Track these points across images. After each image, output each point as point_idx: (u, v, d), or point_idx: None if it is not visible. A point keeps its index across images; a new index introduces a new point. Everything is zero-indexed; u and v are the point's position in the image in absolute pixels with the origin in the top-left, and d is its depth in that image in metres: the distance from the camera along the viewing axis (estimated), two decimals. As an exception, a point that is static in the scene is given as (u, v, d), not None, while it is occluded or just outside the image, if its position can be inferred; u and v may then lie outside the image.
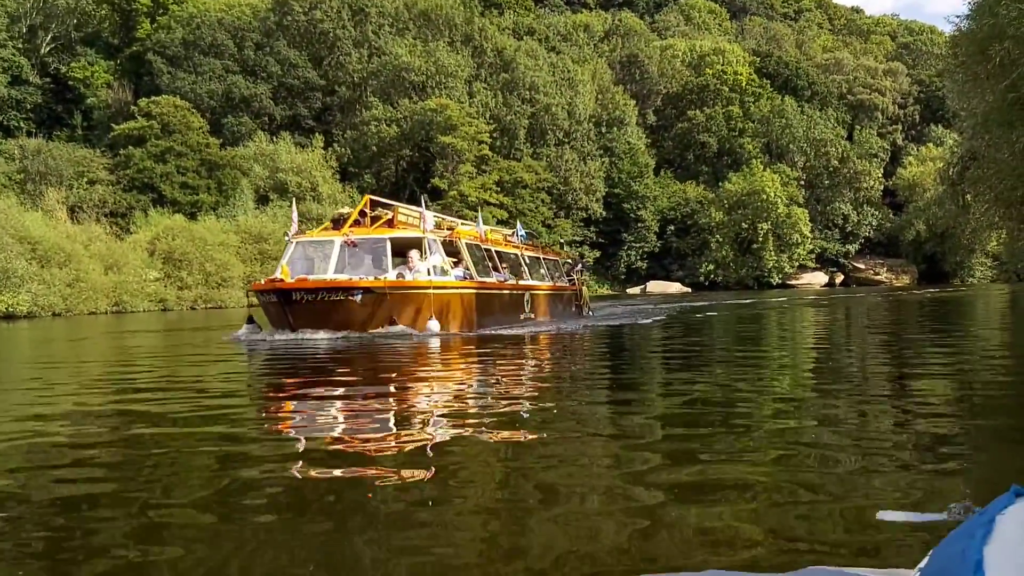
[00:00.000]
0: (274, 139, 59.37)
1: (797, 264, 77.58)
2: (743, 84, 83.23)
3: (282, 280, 14.83)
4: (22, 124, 62.49)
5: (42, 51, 70.13)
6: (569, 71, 72.41)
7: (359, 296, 14.59)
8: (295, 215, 18.66)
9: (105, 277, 35.83)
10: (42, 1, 69.63)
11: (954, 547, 0.96)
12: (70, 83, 67.76)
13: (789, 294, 49.32)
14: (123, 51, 70.48)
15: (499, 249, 19.99)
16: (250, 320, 16.07)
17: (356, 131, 62.72)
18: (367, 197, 18.48)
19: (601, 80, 76.91)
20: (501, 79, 68.75)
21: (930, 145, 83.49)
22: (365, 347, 12.91)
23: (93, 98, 64.71)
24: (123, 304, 36.62)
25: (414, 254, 16.27)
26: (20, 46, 68.09)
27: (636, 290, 69.73)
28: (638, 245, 72.96)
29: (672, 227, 75.23)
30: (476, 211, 60.60)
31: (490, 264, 18.65)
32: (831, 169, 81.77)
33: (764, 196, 72.91)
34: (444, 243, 17.27)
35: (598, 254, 69.78)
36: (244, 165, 56.21)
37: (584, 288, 24.96)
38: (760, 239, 74.14)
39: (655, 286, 70.69)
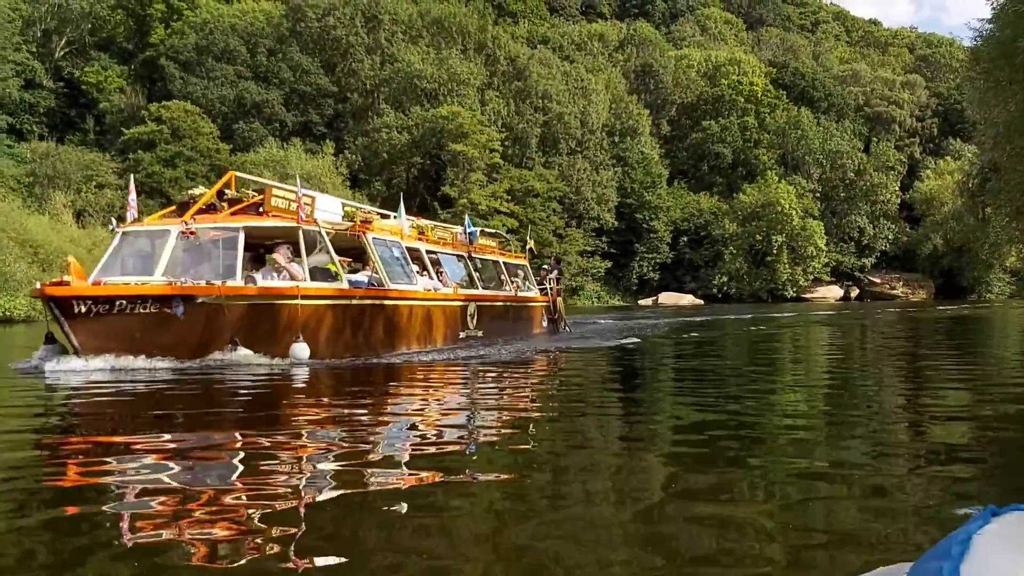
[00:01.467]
0: (285, 145, 59.03)
1: (812, 277, 76.60)
2: (759, 95, 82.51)
3: (63, 283, 10.22)
4: (35, 128, 62.47)
5: (56, 55, 70.24)
6: (583, 80, 71.85)
7: (180, 308, 10.53)
8: (132, 196, 13.72)
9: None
10: (57, 6, 69.73)
11: (931, 565, 0.99)
12: (83, 87, 67.81)
13: (803, 308, 48.47)
14: (137, 56, 70.51)
15: (434, 249, 16.28)
16: (49, 339, 11.19)
17: (367, 138, 62.33)
18: (232, 173, 14.86)
19: (615, 89, 76.34)
20: (514, 87, 68.29)
21: (948, 158, 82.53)
22: (176, 384, 9.05)
23: (106, 103, 64.66)
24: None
25: (282, 251, 12.25)
26: (34, 50, 68.23)
27: (648, 301, 68.93)
28: (650, 256, 72.17)
29: (685, 238, 74.43)
30: (487, 220, 60.69)
31: (416, 268, 14.94)
32: (847, 181, 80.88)
33: (779, 208, 72.07)
34: (342, 238, 13.38)
35: (609, 264, 69.04)
36: (254, 171, 55.68)
37: (559, 299, 21.71)
38: (774, 251, 73.25)
39: (667, 298, 69.86)
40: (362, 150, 62.24)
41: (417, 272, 14.96)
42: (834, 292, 79.09)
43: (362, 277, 13.36)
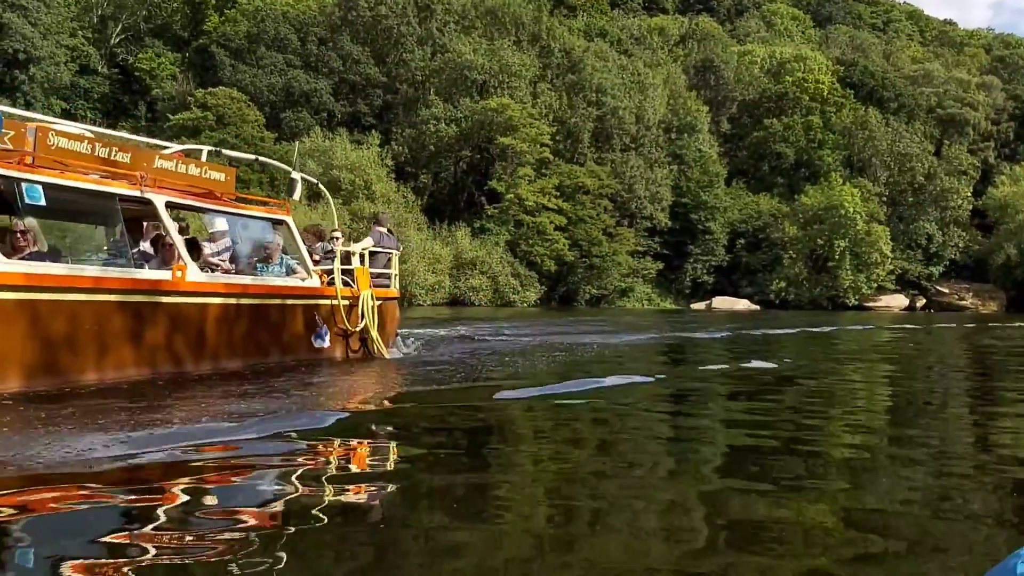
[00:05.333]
0: (331, 135, 57.99)
1: (875, 285, 73.17)
2: (824, 93, 79.31)
3: None
4: (88, 113, 62.55)
5: (112, 41, 70.44)
6: (640, 74, 69.55)
7: None
8: None
9: (135, 269, 34.44)
10: (114, -8, 69.97)
11: None
12: (136, 74, 67.85)
13: (865, 318, 45.65)
14: (191, 44, 70.34)
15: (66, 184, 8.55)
16: None
17: (415, 130, 60.97)
18: None
19: (674, 85, 73.87)
20: (567, 80, 66.31)
21: (1025, 164, 78.55)
22: None
23: (158, 89, 64.47)
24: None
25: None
26: (90, 36, 68.52)
27: (701, 305, 66.47)
28: (705, 258, 69.62)
29: (742, 241, 71.66)
30: (534, 216, 58.97)
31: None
32: (916, 186, 77.24)
33: (842, 212, 68.83)
34: None
35: (661, 266, 66.70)
36: (298, 161, 54.84)
37: (366, 295, 11.94)
38: (836, 257, 70.03)
39: (721, 302, 67.28)
40: (409, 142, 60.90)
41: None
42: (899, 301, 75.56)
43: None
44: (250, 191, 52.54)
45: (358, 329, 11.93)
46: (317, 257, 12.36)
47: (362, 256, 12.36)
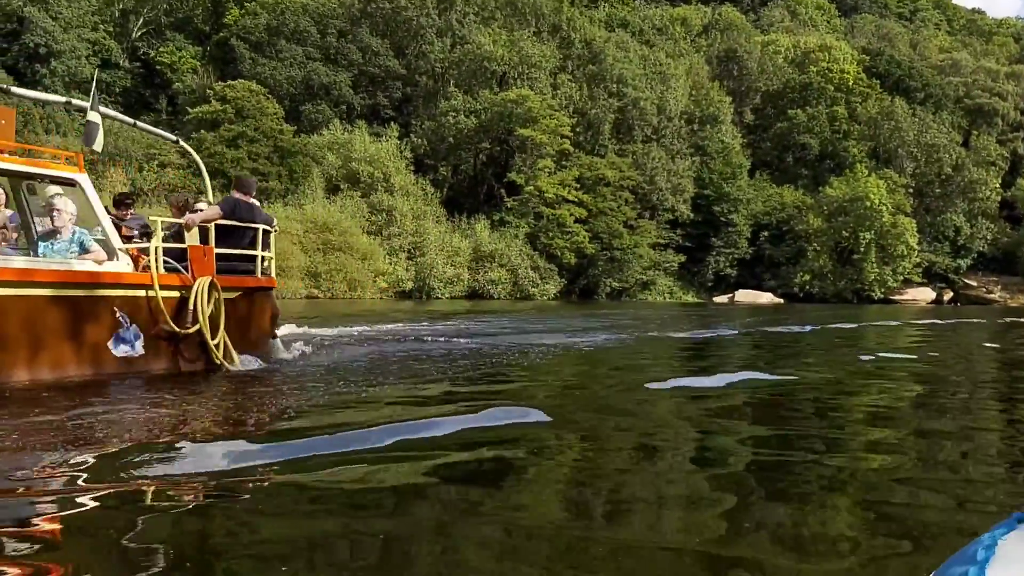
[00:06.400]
0: (350, 128, 57.78)
1: (902, 278, 71.97)
2: (850, 83, 78.16)
3: None
4: (110, 107, 62.55)
5: (133, 36, 70.66)
6: (661, 65, 68.76)
7: None
8: None
9: (152, 262, 34.30)
10: (135, -14, 70.15)
11: (957, 569, 1.06)
12: (158, 68, 68.00)
13: (891, 312, 44.80)
14: (211, 37, 70.40)
15: None
16: None
17: (434, 122, 60.61)
18: None
19: (696, 75, 73.04)
20: (588, 71, 65.66)
21: (1056, 154, 77.03)
22: None
23: (178, 83, 64.54)
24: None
25: None
26: (112, 30, 68.74)
27: (723, 299, 65.74)
28: (728, 251, 68.79)
29: (766, 233, 70.71)
30: (553, 208, 58.45)
31: None
32: (943, 177, 75.93)
33: (868, 203, 67.67)
34: None
35: (683, 259, 65.94)
36: (317, 153, 54.73)
37: (203, 284, 8.81)
38: (862, 249, 68.92)
39: (744, 295, 66.48)
40: (428, 134, 60.56)
41: None
42: (925, 294, 74.36)
43: None
44: (269, 183, 52.67)
45: (192, 331, 8.60)
46: (133, 232, 9.72)
47: (205, 231, 9.19)
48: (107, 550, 3.26)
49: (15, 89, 9.10)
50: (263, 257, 9.93)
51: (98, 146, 8.92)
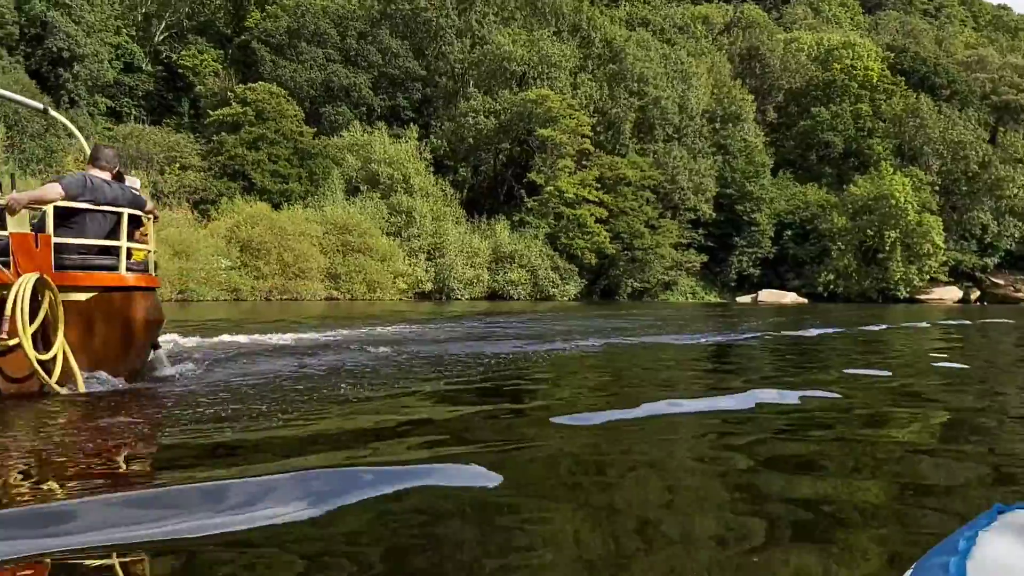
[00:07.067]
0: (370, 129, 57.80)
1: (928, 277, 71.05)
2: (874, 80, 77.34)
3: None
4: (133, 111, 63.18)
5: (156, 39, 71.09)
6: (683, 63, 68.28)
7: None
8: None
9: (171, 263, 34.39)
10: (157, -11, 70.63)
11: (938, 560, 1.08)
12: (180, 71, 68.35)
13: (917, 312, 44.14)
14: (233, 40, 70.75)
15: None
16: None
17: (454, 123, 60.52)
18: None
19: (718, 74, 72.51)
20: (608, 70, 65.30)
21: (1085, 151, 75.68)
22: None
23: (200, 86, 64.85)
24: (189, 292, 35.13)
25: None
26: (134, 34, 69.19)
27: (747, 299, 65.19)
28: (751, 251, 68.21)
29: (789, 232, 70.07)
30: (574, 208, 58.13)
31: None
32: (970, 175, 74.87)
33: (893, 201, 66.86)
34: None
35: (706, 259, 65.45)
36: (337, 155, 54.78)
37: (25, 283, 6.64)
38: (887, 248, 68.11)
39: (768, 295, 65.88)
40: (448, 135, 60.47)
41: None
42: (952, 293, 73.36)
43: None
44: (289, 185, 52.81)
45: (10, 343, 6.62)
46: None
47: (34, 215, 7.51)
48: None
49: None
50: (131, 251, 7.83)
51: None
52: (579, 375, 9.42)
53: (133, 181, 8.39)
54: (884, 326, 24.21)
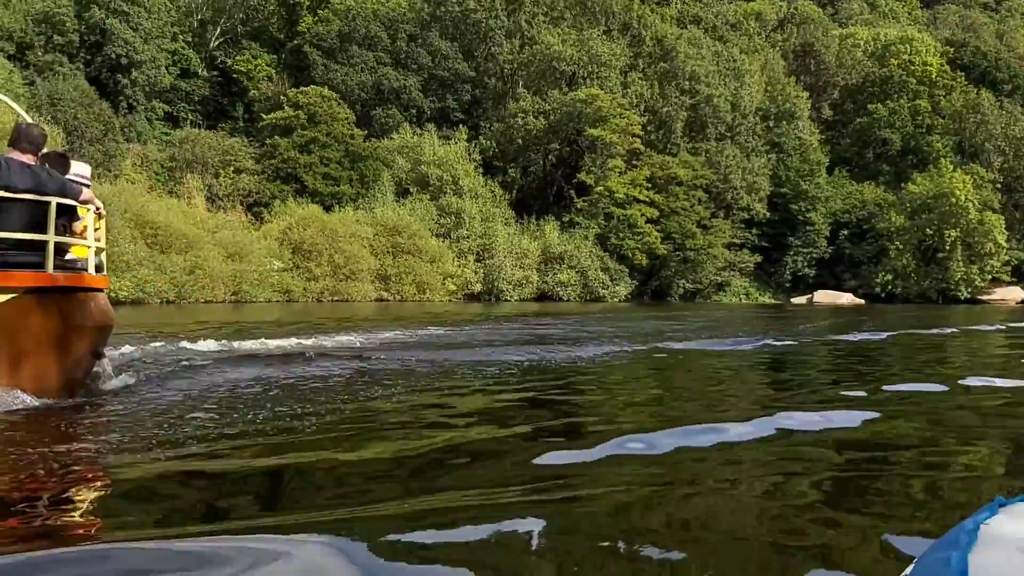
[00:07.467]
0: (420, 131, 58.04)
1: (989, 277, 69.12)
2: (933, 76, 75.45)
3: None
4: (189, 116, 64.35)
5: (211, 45, 72.28)
6: (735, 60, 67.38)
7: None
8: None
9: (225, 265, 34.86)
10: (212, -4, 71.77)
11: (940, 555, 1.09)
12: (234, 76, 69.38)
13: (979, 313, 42.91)
14: (286, 45, 71.66)
15: None
16: None
17: (503, 124, 60.48)
18: None
19: (772, 71, 71.43)
20: (659, 69, 64.70)
21: None
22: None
23: (254, 91, 65.76)
24: (243, 293, 35.55)
25: None
26: (190, 40, 70.44)
27: (802, 300, 64.09)
28: (806, 251, 67.05)
29: (845, 232, 68.72)
30: (624, 209, 57.65)
31: None
32: (1034, 171, 72.77)
33: (953, 200, 65.15)
34: None
35: (759, 259, 64.46)
36: (387, 157, 55.09)
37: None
38: (947, 248, 66.38)
39: (823, 296, 64.71)
40: (497, 136, 60.46)
41: None
42: (1014, 294, 71.24)
43: None
44: (340, 187, 53.23)
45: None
46: None
47: None
48: None
49: None
50: (67, 246, 6.76)
51: None
52: (629, 387, 8.67)
53: (83, 168, 7.46)
54: (952, 329, 23.25)
